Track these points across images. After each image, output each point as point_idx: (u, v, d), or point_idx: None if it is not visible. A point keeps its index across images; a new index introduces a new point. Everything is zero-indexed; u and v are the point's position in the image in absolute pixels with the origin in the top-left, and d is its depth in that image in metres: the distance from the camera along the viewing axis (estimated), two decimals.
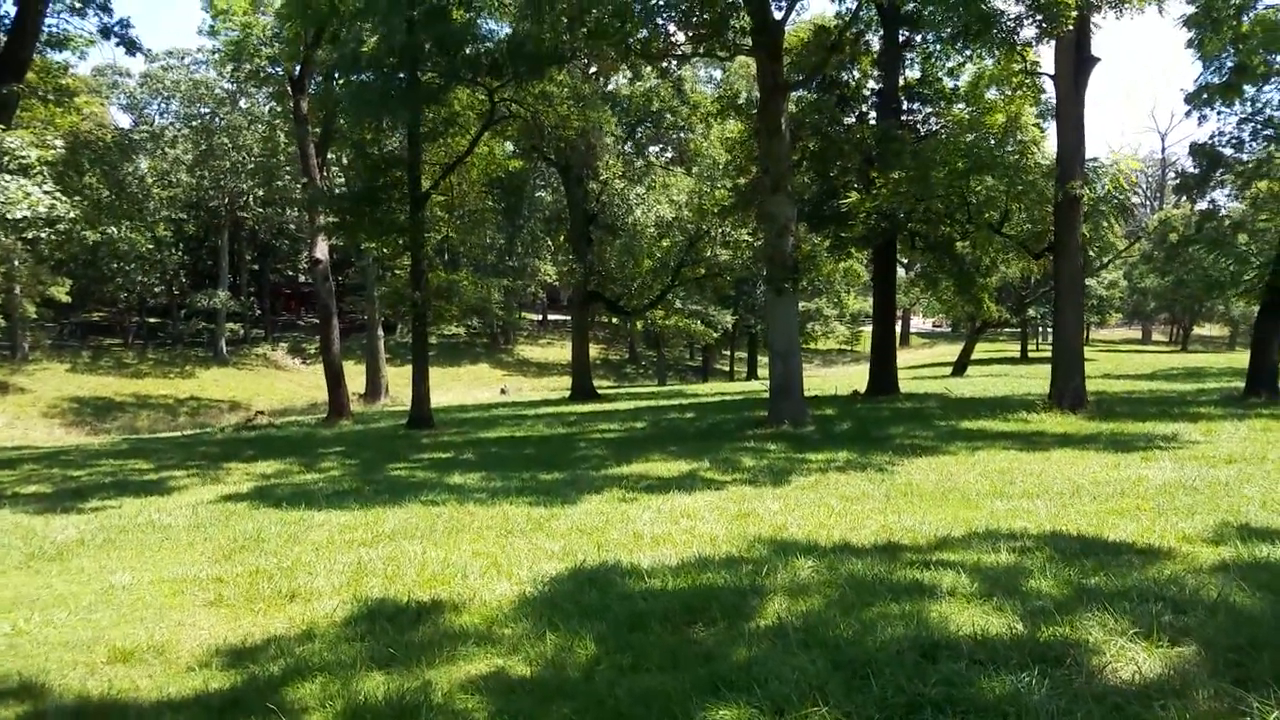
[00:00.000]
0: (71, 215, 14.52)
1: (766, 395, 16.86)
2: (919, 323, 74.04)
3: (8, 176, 12.57)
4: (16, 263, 33.09)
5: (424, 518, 7.58)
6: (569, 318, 42.72)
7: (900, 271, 25.74)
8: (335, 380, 23.81)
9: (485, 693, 3.61)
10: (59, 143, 14.54)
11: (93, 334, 46.58)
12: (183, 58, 45.02)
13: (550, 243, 45.78)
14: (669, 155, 37.13)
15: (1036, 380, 23.27)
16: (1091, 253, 20.59)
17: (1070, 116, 14.69)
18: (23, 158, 13.11)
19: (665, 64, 18.50)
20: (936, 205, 16.69)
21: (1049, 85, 16.58)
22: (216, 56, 31.18)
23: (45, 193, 12.87)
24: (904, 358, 31.41)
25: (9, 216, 12.75)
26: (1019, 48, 14.87)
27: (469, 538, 6.68)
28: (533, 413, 22.62)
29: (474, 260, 39.53)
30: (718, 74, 37.14)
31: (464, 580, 5.32)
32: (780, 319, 15.04)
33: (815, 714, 3.12)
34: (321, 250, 24.16)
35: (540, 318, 64.27)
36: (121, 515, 8.54)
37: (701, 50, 16.74)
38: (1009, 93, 18.14)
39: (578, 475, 10.02)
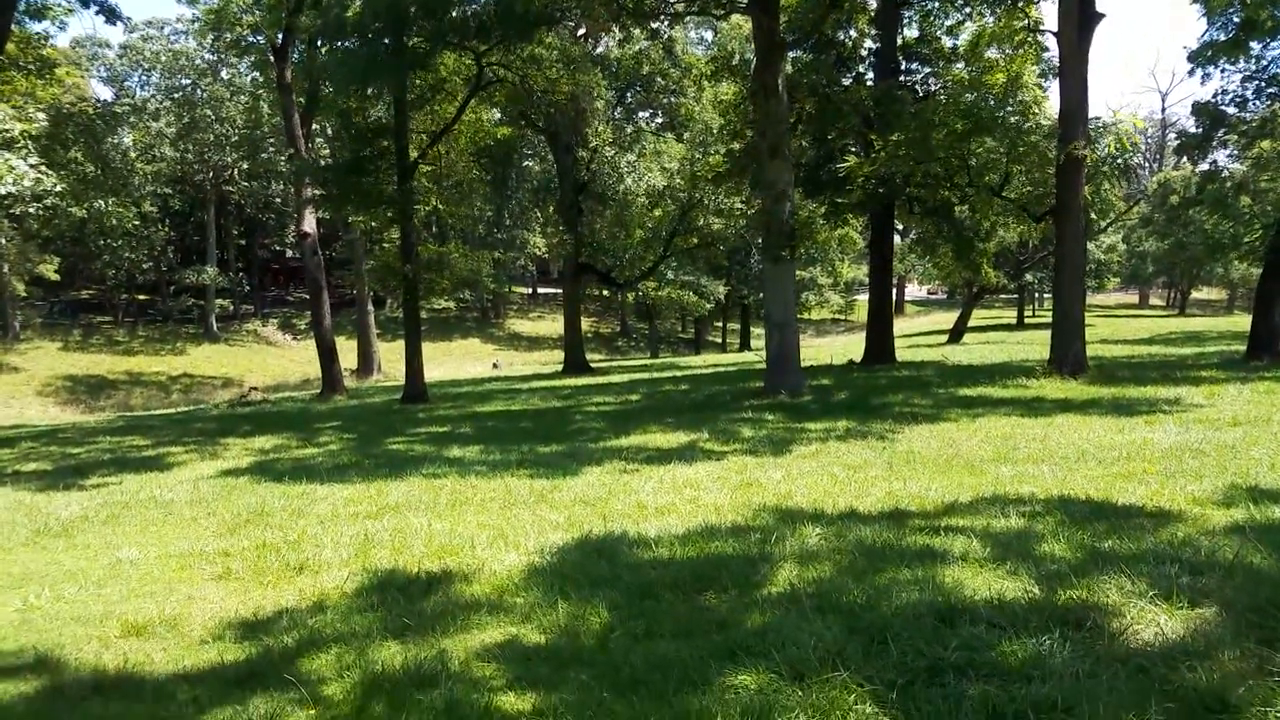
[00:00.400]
0: (57, 189, 14.25)
1: (761, 366, 16.74)
2: (914, 290, 73.78)
3: None
4: (4, 240, 32.61)
5: (426, 490, 7.56)
6: (559, 291, 42.38)
7: (896, 238, 25.45)
8: (328, 355, 23.63)
9: (502, 660, 3.60)
10: (41, 116, 14.23)
11: (83, 312, 46.06)
12: (162, 28, 44.02)
13: (539, 214, 45.25)
14: (660, 121, 36.35)
15: (1034, 346, 23.27)
16: (1093, 214, 20.32)
17: (1074, 75, 14.28)
18: (6, 131, 12.82)
19: (657, 24, 17.96)
20: (936, 168, 16.38)
21: (1051, 43, 16.16)
22: (196, 26, 30.46)
23: (30, 166, 12.60)
24: (899, 326, 31.31)
25: None
26: (1021, 4, 14.52)
27: (473, 510, 6.67)
28: (526, 386, 22.53)
29: (462, 232, 38.96)
30: (709, 35, 36.38)
31: (472, 551, 5.30)
32: (777, 288, 14.82)
33: (835, 679, 3.09)
34: (309, 223, 23.79)
35: (530, 291, 63.88)
36: (123, 491, 8.53)
37: (695, 8, 16.29)
38: (1010, 51, 17.68)
39: (576, 448, 9.99)
